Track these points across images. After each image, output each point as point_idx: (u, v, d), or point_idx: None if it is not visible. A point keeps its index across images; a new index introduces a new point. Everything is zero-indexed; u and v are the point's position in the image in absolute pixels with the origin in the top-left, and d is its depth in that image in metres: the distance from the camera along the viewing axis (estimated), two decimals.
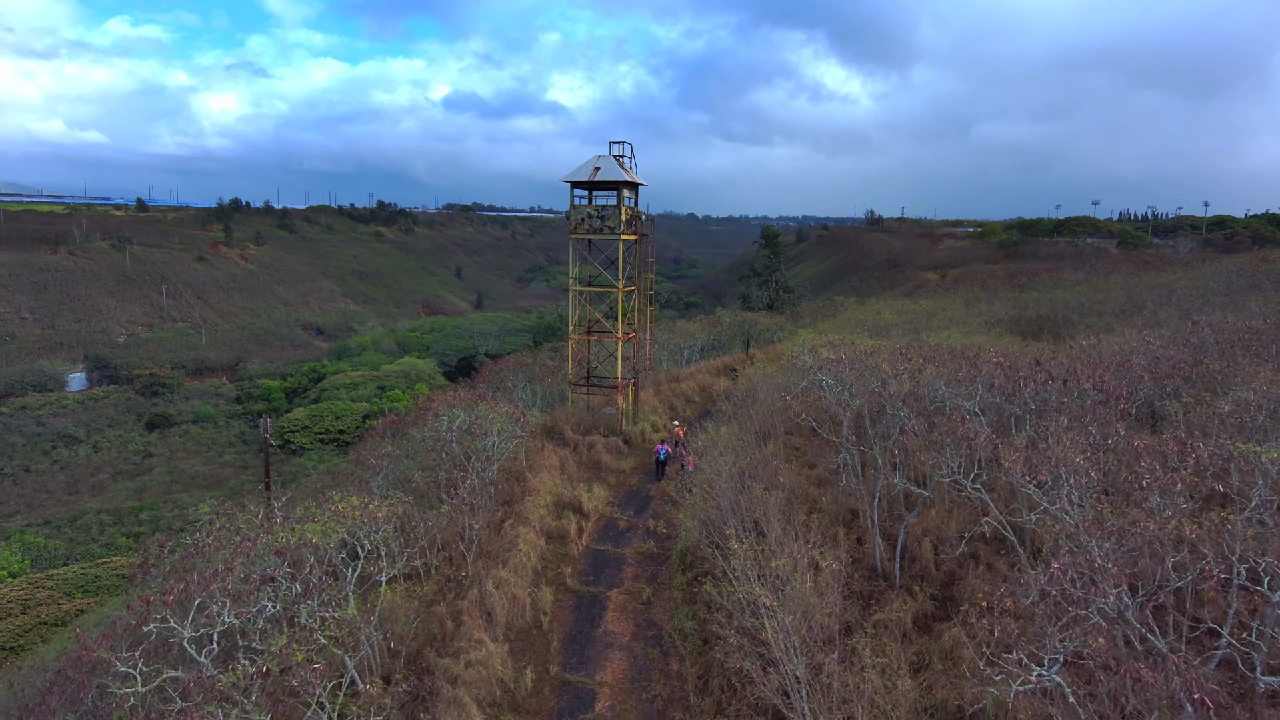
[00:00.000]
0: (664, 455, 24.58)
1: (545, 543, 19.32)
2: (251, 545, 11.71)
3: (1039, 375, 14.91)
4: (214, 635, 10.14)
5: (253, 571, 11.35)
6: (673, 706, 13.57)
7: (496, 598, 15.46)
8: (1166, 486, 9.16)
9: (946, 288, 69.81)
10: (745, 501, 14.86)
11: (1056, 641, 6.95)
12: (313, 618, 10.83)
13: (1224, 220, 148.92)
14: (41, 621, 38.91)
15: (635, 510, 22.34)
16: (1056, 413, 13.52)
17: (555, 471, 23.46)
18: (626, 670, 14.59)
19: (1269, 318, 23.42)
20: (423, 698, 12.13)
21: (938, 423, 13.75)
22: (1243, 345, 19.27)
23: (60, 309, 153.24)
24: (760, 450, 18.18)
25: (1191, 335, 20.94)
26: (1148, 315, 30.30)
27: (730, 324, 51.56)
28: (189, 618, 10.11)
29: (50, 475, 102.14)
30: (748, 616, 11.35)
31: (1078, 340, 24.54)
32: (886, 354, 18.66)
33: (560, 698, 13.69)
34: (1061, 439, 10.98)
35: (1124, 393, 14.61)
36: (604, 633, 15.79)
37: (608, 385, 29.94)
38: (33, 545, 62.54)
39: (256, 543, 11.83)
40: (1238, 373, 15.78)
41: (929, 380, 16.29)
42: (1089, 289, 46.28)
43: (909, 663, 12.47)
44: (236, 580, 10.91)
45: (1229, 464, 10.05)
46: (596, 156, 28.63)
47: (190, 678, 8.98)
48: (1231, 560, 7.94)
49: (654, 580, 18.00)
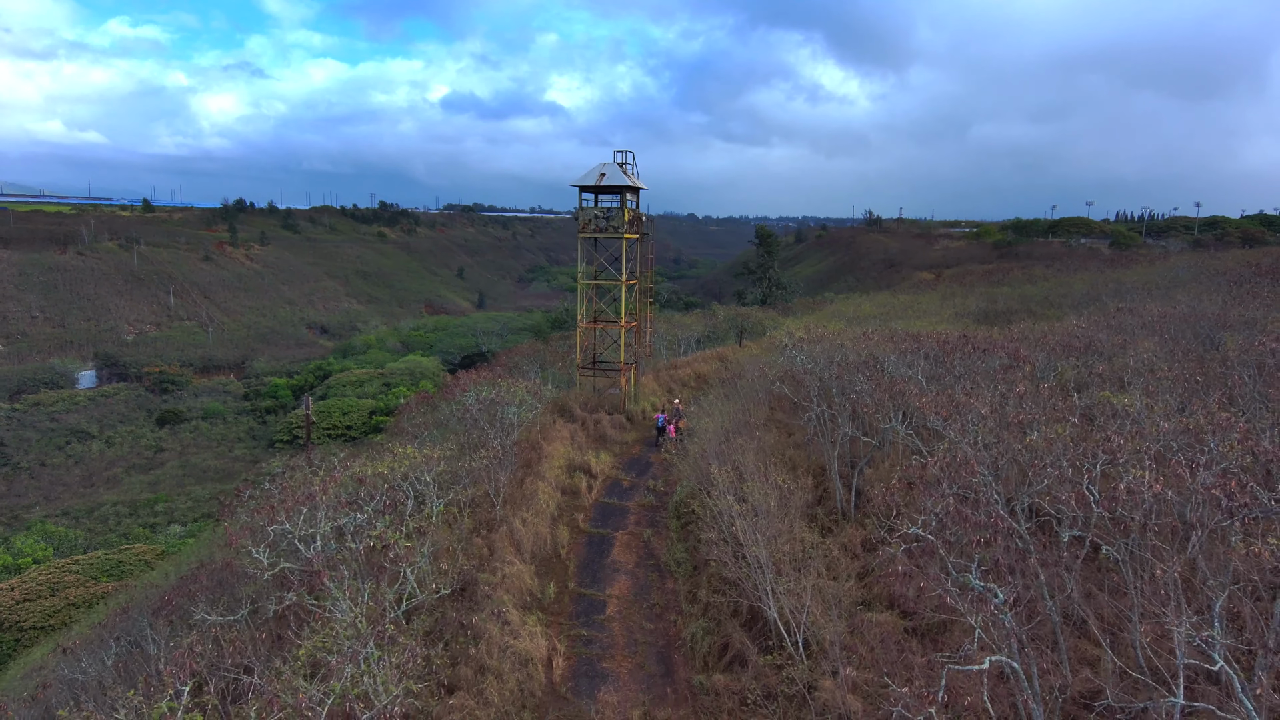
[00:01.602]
0: (662, 422, 28.00)
1: (560, 496, 22.60)
2: (339, 475, 14.96)
3: (966, 348, 18.23)
4: (316, 535, 13.39)
5: (341, 494, 14.60)
6: (668, 612, 16.85)
7: (523, 532, 18.72)
8: (1035, 419, 12.37)
9: (934, 286, 73.17)
10: (727, 449, 18.12)
11: (928, 505, 10.16)
12: (389, 526, 14.08)
13: (1217, 221, 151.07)
14: (70, 603, 41.31)
15: (637, 473, 25.66)
16: (973, 374, 16.82)
17: (566, 441, 26.72)
18: (630, 587, 17.88)
19: (1181, 305, 26.83)
20: (470, 595, 15.37)
21: (883, 384, 17.01)
22: (1149, 327, 22.60)
23: (70, 308, 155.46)
24: (743, 415, 21.47)
25: (1114, 319, 24.31)
26: (1099, 306, 33.66)
27: (725, 317, 55.14)
28: (299, 521, 13.36)
29: (66, 469, 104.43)
30: (725, 524, 14.63)
31: (1017, 325, 28.02)
32: (850, 335, 21.97)
33: (577, 605, 16.97)
34: (954, 387, 14.28)
35: (1033, 360, 17.94)
36: (611, 561, 19.08)
37: (612, 369, 33.38)
38: (54, 534, 65.06)
39: (341, 473, 15.07)
40: (1128, 345, 19.12)
41: (881, 353, 19.58)
42: (1056, 284, 50.00)
43: (855, 573, 15.73)
44: (330, 499, 14.16)
45: (1093, 407, 13.30)
46: (601, 164, 32.02)
47: (313, 555, 12.23)
48: (1063, 465, 11.18)
49: (653, 525, 21.31)
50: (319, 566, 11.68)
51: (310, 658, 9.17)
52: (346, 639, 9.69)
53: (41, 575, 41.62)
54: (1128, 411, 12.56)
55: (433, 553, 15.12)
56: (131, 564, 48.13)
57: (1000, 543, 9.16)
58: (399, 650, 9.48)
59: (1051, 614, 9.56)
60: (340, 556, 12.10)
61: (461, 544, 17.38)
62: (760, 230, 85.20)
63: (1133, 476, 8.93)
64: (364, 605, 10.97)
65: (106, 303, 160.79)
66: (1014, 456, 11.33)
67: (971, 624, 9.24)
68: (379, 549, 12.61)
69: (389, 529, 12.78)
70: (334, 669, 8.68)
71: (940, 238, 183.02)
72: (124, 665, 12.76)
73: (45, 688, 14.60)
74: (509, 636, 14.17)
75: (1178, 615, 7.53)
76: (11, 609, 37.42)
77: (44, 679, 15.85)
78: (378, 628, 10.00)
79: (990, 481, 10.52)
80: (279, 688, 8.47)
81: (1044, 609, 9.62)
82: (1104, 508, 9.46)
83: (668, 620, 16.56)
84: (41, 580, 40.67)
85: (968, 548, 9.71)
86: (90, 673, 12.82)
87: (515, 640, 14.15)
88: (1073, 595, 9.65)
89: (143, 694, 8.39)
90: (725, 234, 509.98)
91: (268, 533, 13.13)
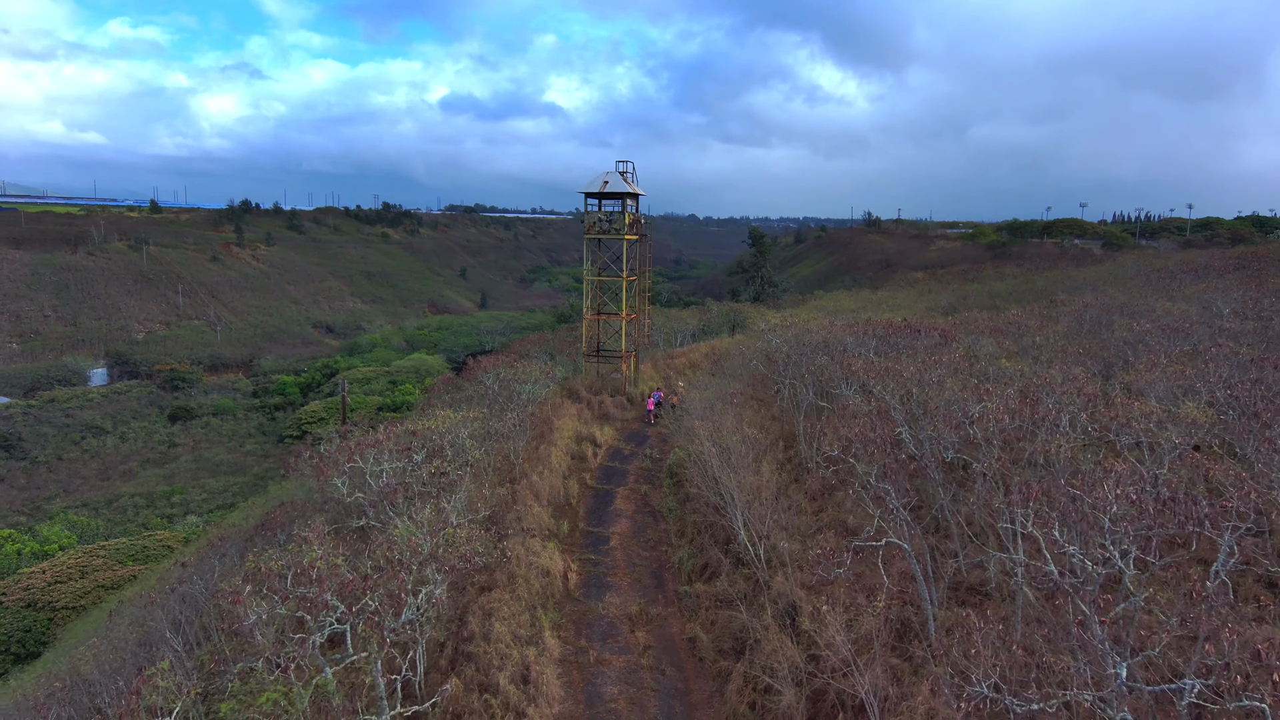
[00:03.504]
0: (659, 398, 31.99)
1: (569, 460, 26.33)
2: (394, 428, 18.67)
3: (905, 331, 22.00)
4: (383, 471, 17.09)
5: (398, 443, 18.31)
6: (660, 544, 20.60)
7: (540, 484, 22.45)
8: (943, 379, 16.05)
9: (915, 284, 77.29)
10: (710, 414, 21.84)
11: (849, 437, 13.84)
12: (437, 469, 17.80)
13: (1209, 222, 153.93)
14: (100, 585, 44.09)
15: (636, 444, 29.43)
16: (911, 350, 20.57)
17: (574, 418, 30.47)
18: (630, 527, 21.63)
19: (1106, 297, 30.64)
20: (498, 528, 19.06)
21: (836, 359, 20.74)
22: (1073, 315, 26.35)
23: (81, 307, 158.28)
24: (726, 388, 25.21)
25: (1046, 310, 28.08)
26: (1047, 299, 37.47)
27: (718, 312, 59.18)
28: (369, 461, 17.06)
29: (82, 463, 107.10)
30: (705, 465, 18.35)
31: (962, 314, 31.93)
32: (817, 323, 25.75)
33: (587, 539, 20.72)
34: (891, 360, 18.03)
35: (960, 340, 21.73)
36: (614, 509, 22.84)
37: (614, 356, 37.27)
38: (76, 523, 67.72)
39: (396, 427, 18.78)
40: (1044, 328, 22.93)
41: (840, 337, 23.33)
42: (1020, 281, 54.01)
43: (813, 510, 19.45)
44: (391, 445, 17.87)
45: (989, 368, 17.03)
46: (605, 172, 35.95)
47: (383, 484, 15.93)
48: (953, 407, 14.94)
49: (650, 482, 25.08)
50: (392, 487, 15.31)
51: (401, 540, 12.81)
52: (419, 535, 13.32)
53: (70, 559, 44.12)
54: (1012, 371, 16.22)
55: (467, 496, 18.80)
56: (156, 549, 50.67)
57: (893, 454, 12.87)
58: (461, 534, 13.12)
59: (939, 510, 13.28)
60: (404, 482, 15.77)
61: (490, 492, 21.09)
62: (753, 231, 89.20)
63: (983, 406, 12.62)
64: (427, 517, 14.60)
65: (117, 302, 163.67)
66: (922, 403, 15.05)
67: (873, 516, 12.93)
68: (437, 475, 16.31)
69: (444, 462, 16.49)
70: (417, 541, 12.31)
71: (936, 239, 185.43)
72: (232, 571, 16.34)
73: (181, 583, 18.23)
74: (533, 555, 17.88)
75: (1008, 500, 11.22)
76: (44, 590, 40.11)
77: (172, 585, 19.47)
78: (443, 528, 13.63)
79: (901, 418, 14.23)
80: (392, 535, 12.14)
81: (931, 510, 13.36)
82: (978, 427, 13.15)
83: (660, 550, 20.30)
84: (71, 564, 43.16)
85: (873, 459, 13.44)
86: (220, 564, 16.36)
87: (538, 559, 17.87)
88: (949, 497, 13.36)
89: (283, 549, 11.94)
90: (726, 235, 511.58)
91: (345, 469, 16.83)
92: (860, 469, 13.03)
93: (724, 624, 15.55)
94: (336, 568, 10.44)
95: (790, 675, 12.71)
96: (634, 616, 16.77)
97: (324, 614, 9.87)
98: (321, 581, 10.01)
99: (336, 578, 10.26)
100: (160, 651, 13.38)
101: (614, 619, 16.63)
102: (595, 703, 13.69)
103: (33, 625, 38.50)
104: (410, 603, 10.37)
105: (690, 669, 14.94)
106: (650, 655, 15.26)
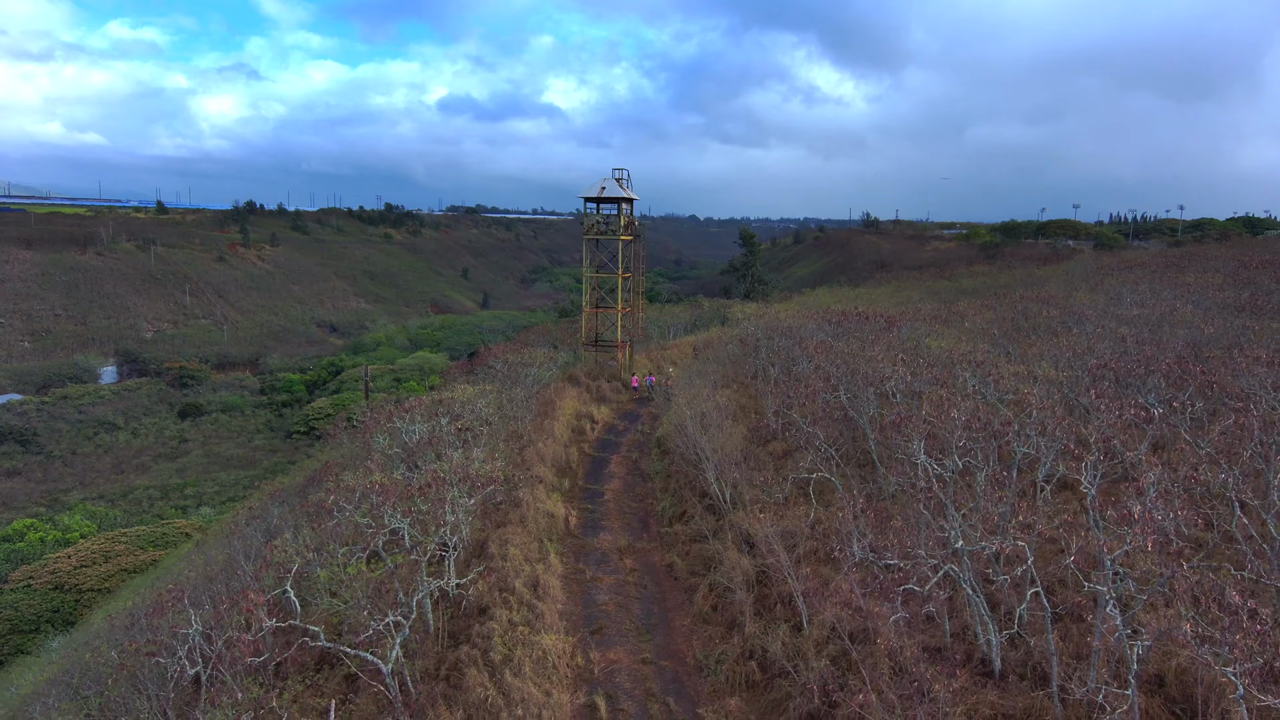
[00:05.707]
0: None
1: (570, 433, 29.99)
2: (422, 399, 22.30)
3: (855, 318, 25.74)
4: (414, 431, 20.71)
5: (426, 411, 21.93)
6: (647, 497, 24.26)
7: (545, 450, 26.09)
8: (879, 355, 19.70)
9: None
10: (690, 387, 25.48)
11: (791, 395, 17.43)
12: (462, 425, 21.43)
13: (1201, 223, 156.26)
14: (123, 569, 46.82)
15: (629, 421, 33.13)
16: (860, 333, 24.29)
17: (574, 399, 34.14)
18: (621, 485, 25.29)
19: (1044, 291, 34.30)
20: (510, 478, 22.67)
21: (797, 341, 24.40)
22: (1011, 305, 30.02)
23: (91, 306, 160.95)
24: (706, 369, 28.91)
25: (990, 303, 31.83)
26: (1004, 293, 41.11)
27: (709, 308, 63.07)
28: (404, 421, 20.68)
29: (96, 457, 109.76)
30: (682, 426, 21.98)
31: (919, 307, 35.73)
32: (787, 314, 29.43)
33: (585, 493, 24.39)
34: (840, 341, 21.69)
35: (902, 325, 25.48)
36: (608, 471, 26.50)
37: (611, 345, 40.99)
38: (95, 513, 70.51)
39: (425, 398, 22.39)
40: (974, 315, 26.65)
41: (803, 323, 27.02)
42: (988, 279, 57.78)
43: (775, 468, 23.07)
44: (422, 410, 21.50)
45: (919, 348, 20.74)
46: (603, 179, 39.72)
47: (417, 439, 19.56)
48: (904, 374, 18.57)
49: (640, 451, 28.76)
50: (426, 440, 18.89)
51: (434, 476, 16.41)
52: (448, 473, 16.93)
53: (94, 545, 46.79)
54: (934, 350, 19.83)
55: (487, 447, 22.40)
56: (175, 536, 53.43)
57: (820, 401, 16.52)
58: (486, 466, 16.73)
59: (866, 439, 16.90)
60: (434, 438, 19.38)
61: (505, 445, 24.75)
62: (744, 232, 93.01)
63: (891, 368, 16.23)
64: (457, 458, 18.18)
65: (125, 301, 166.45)
66: (852, 371, 18.73)
67: (815, 462, 16.56)
68: (463, 430, 19.96)
69: (467, 421, 20.14)
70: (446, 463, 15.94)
71: (932, 239, 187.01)
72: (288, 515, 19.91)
73: (249, 523, 21.82)
74: (540, 502, 21.52)
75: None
76: (71, 573, 42.88)
77: (242, 525, 23.04)
78: (470, 467, 17.22)
79: (840, 383, 17.91)
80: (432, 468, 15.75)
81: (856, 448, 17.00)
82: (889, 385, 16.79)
83: (647, 502, 23.96)
84: (95, 550, 45.88)
85: (805, 409, 17.09)
86: (278, 510, 19.90)
87: (544, 504, 21.51)
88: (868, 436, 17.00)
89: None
90: (726, 235, 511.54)
91: (385, 429, 20.45)
92: (799, 419, 16.66)
93: (696, 553, 19.18)
94: (396, 483, 14.07)
95: (744, 582, 16.31)
96: (622, 549, 20.41)
97: (388, 514, 13.49)
98: (386, 492, 13.63)
99: (396, 489, 13.89)
100: (260, 549, 16.81)
101: (606, 550, 20.27)
102: (590, 605, 17.31)
103: (60, 605, 41.00)
104: (449, 506, 13.99)
105: (667, 585, 18.56)
106: (635, 575, 18.89)
